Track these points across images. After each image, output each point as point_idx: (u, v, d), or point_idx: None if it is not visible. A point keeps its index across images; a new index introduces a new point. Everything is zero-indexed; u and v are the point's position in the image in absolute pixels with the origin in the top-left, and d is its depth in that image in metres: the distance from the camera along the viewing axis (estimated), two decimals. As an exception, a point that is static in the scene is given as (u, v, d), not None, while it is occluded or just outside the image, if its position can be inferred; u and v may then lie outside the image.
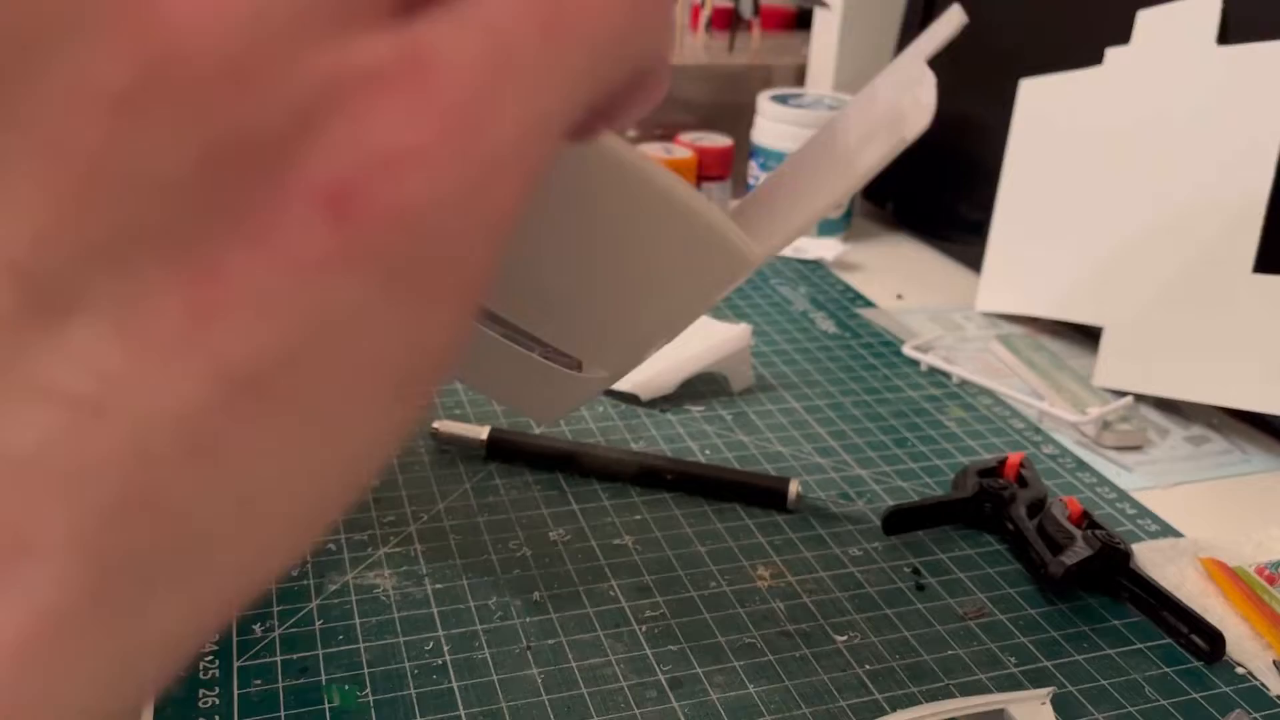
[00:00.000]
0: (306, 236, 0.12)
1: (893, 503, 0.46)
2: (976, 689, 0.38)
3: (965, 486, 0.47)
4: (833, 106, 0.80)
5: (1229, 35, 0.58)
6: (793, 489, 0.47)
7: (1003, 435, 0.55)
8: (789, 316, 0.68)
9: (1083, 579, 0.42)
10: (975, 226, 0.74)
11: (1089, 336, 0.65)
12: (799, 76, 0.91)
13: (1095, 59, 0.64)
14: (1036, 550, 0.43)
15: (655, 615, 0.40)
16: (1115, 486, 0.51)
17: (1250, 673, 0.39)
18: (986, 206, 0.71)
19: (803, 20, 1.09)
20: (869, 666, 0.38)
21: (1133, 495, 0.50)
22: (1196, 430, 0.57)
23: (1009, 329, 0.68)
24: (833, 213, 0.26)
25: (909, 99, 0.26)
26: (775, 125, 0.79)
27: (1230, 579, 0.43)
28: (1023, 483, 0.47)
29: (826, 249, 0.78)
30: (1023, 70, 0.69)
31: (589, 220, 0.24)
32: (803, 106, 0.79)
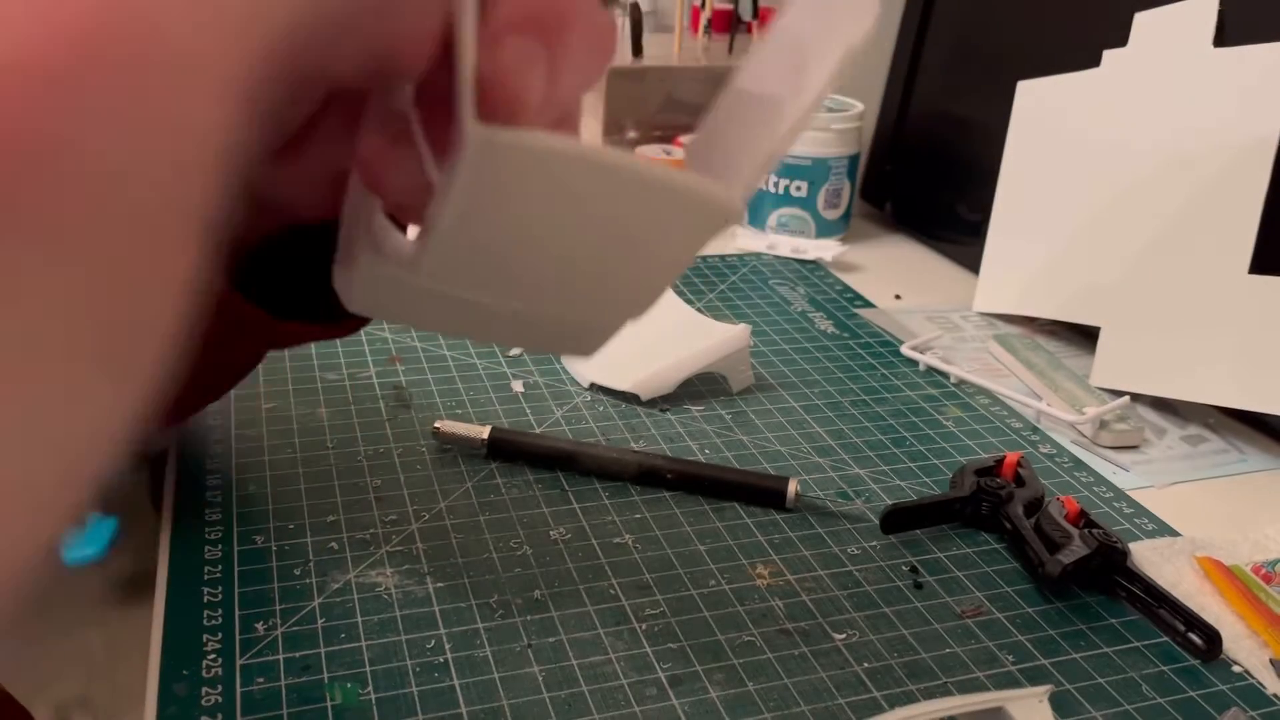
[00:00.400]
0: None
1: (891, 502, 0.47)
2: (974, 687, 0.38)
3: (963, 486, 0.47)
4: (831, 108, 0.80)
5: (1225, 38, 0.58)
6: (791, 488, 0.47)
7: (1000, 435, 0.55)
8: (788, 316, 0.68)
9: (1080, 578, 0.43)
10: (973, 227, 0.75)
11: (1086, 336, 0.65)
12: (798, 78, 0.91)
13: (1093, 61, 0.64)
14: (1034, 549, 0.43)
15: (655, 613, 0.40)
16: (1112, 486, 0.51)
17: (1246, 670, 0.39)
18: (984, 207, 0.71)
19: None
20: (867, 664, 0.38)
21: (1130, 494, 0.50)
22: (1193, 430, 0.57)
23: (1006, 329, 0.68)
24: (794, 140, 0.25)
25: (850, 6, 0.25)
26: (774, 126, 0.79)
27: (1227, 577, 0.43)
28: (1020, 482, 0.48)
29: (825, 249, 0.78)
30: (1020, 72, 0.69)
31: (568, 221, 0.23)
32: (801, 108, 0.79)
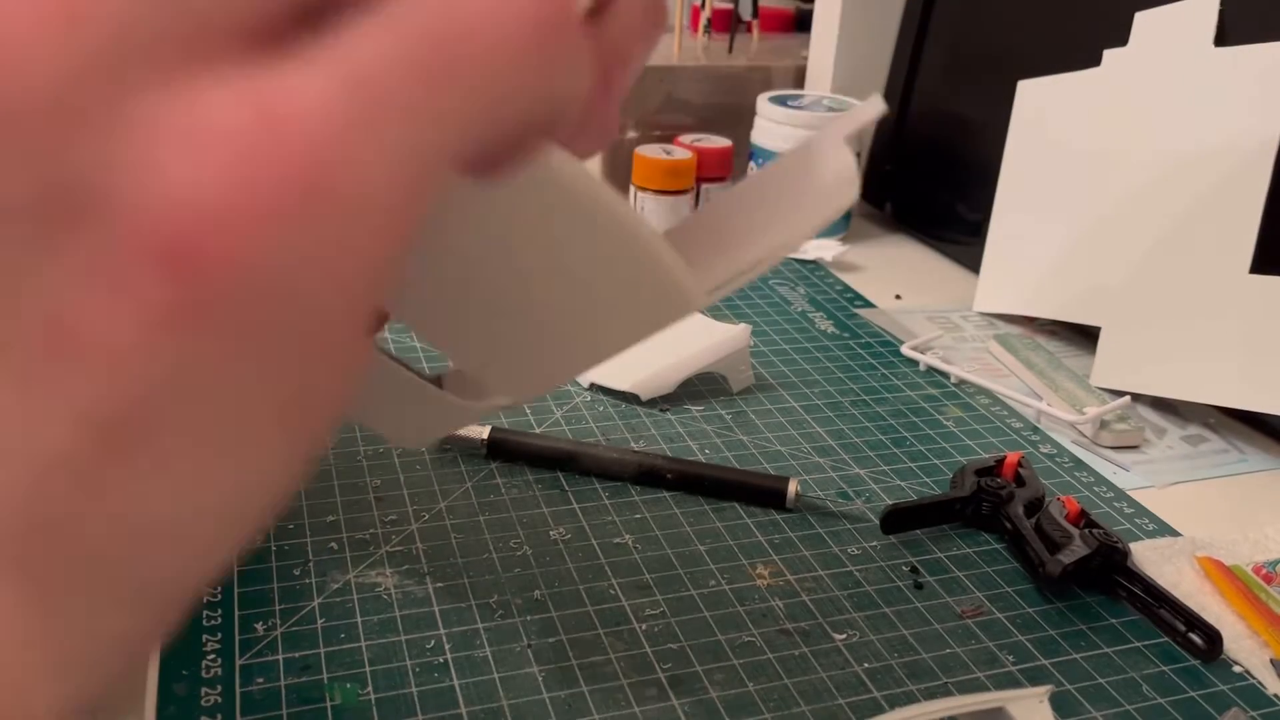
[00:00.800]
0: (147, 289, 0.12)
1: (891, 502, 0.47)
2: (974, 687, 0.38)
3: (963, 486, 0.47)
4: (831, 108, 0.80)
5: (1226, 37, 0.58)
6: (791, 488, 0.47)
7: (1001, 435, 0.55)
8: (788, 316, 0.68)
9: (1080, 578, 0.43)
10: (973, 227, 0.75)
11: (1087, 336, 0.65)
12: (798, 78, 0.92)
13: (1093, 61, 0.64)
14: (1034, 549, 0.43)
15: (655, 614, 0.40)
16: (1113, 486, 0.51)
17: (1247, 671, 0.39)
18: (985, 207, 0.71)
19: (802, 22, 1.09)
20: (867, 665, 0.38)
21: (1130, 494, 0.50)
22: (1194, 430, 0.57)
23: (1007, 329, 0.68)
24: (765, 266, 0.26)
25: (839, 173, 0.27)
26: (774, 127, 0.79)
27: (1227, 578, 0.43)
28: (1020, 482, 0.48)
29: (825, 249, 0.78)
30: (1021, 72, 0.69)
31: (530, 246, 0.23)
32: (802, 108, 0.79)
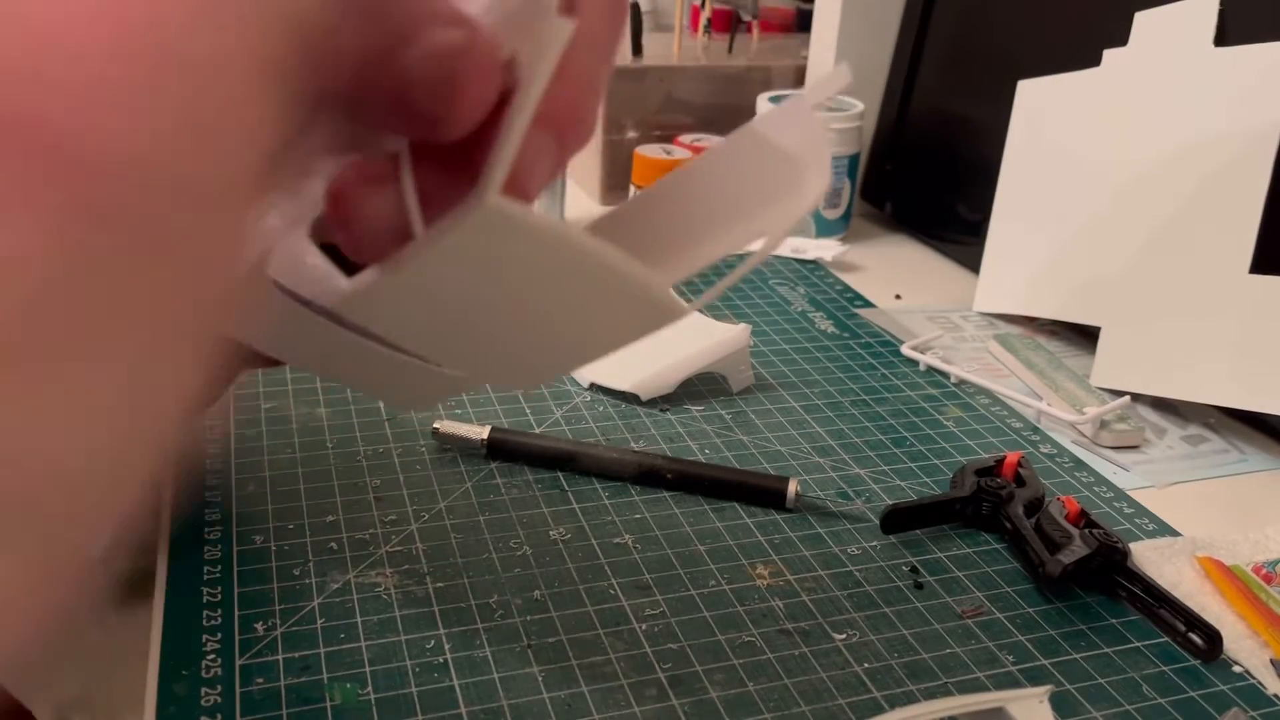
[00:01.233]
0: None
1: (891, 502, 0.47)
2: (974, 687, 0.38)
3: (963, 486, 0.47)
4: (831, 108, 0.80)
5: (1226, 37, 0.58)
6: (791, 488, 0.47)
7: (1001, 435, 0.55)
8: (788, 316, 0.68)
9: (1080, 578, 0.43)
10: (973, 227, 0.75)
11: (1087, 336, 0.65)
12: (798, 78, 0.92)
13: (1093, 60, 0.64)
14: (1034, 549, 0.43)
15: (655, 614, 0.40)
16: (1113, 486, 0.51)
17: (1247, 671, 0.39)
18: (984, 207, 0.71)
19: (802, 22, 1.09)
20: (867, 665, 0.38)
21: (1130, 494, 0.50)
22: (1193, 430, 0.57)
23: (1007, 329, 0.68)
24: (743, 247, 0.26)
25: (810, 157, 0.26)
26: (774, 126, 0.79)
27: (1227, 578, 0.43)
28: (1020, 482, 0.48)
29: (825, 249, 0.78)
30: (1021, 72, 0.69)
31: (514, 291, 0.24)
32: (802, 107, 0.79)
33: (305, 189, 0.25)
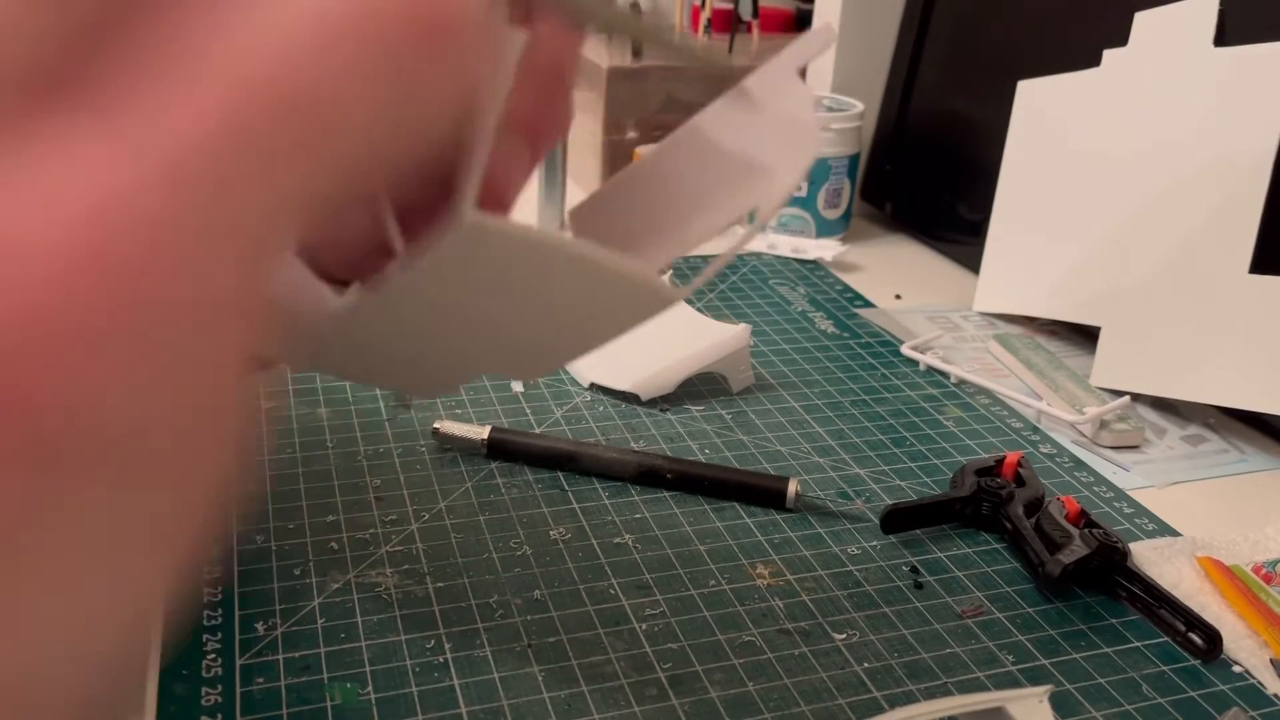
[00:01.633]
0: None
1: (891, 502, 0.47)
2: (974, 687, 0.38)
3: (963, 485, 0.47)
4: (831, 108, 0.80)
5: (1226, 37, 0.58)
6: (791, 488, 0.47)
7: (1000, 435, 0.55)
8: (788, 316, 0.68)
9: (1080, 578, 0.43)
10: (973, 227, 0.75)
11: (1087, 336, 0.65)
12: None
13: (1093, 61, 0.64)
14: (1034, 549, 0.43)
15: (655, 613, 0.40)
16: (1113, 485, 0.51)
17: (1247, 670, 0.39)
18: (985, 207, 0.71)
19: (801, 22, 1.09)
20: (867, 664, 0.38)
21: (1130, 494, 0.50)
22: (1193, 430, 0.57)
23: (1007, 329, 0.68)
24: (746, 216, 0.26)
25: (802, 121, 0.26)
26: (774, 126, 0.79)
27: (1227, 577, 0.43)
28: (1020, 482, 0.48)
29: (825, 249, 0.78)
30: (1021, 72, 0.69)
31: (503, 295, 0.24)
32: (802, 107, 0.79)
33: None
